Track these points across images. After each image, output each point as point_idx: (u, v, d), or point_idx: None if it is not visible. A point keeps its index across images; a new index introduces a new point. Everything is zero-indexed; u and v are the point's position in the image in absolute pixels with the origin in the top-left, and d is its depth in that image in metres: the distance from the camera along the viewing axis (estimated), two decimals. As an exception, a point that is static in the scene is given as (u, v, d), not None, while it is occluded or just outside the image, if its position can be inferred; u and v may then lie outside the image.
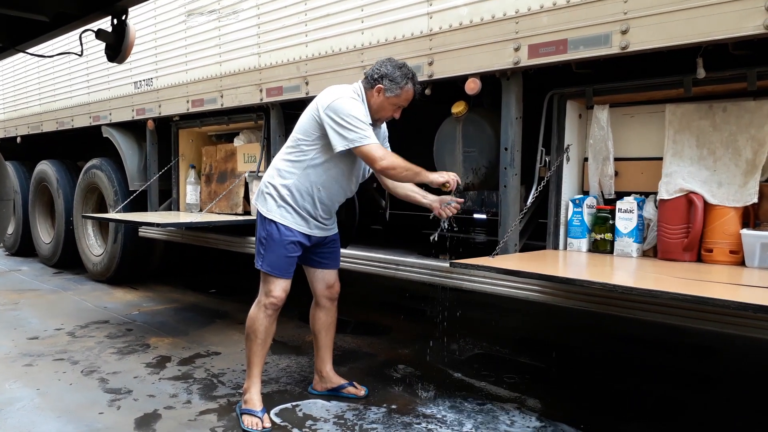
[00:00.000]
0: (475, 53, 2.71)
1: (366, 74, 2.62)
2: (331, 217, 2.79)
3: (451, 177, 2.50)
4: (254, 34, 3.80)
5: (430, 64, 2.89)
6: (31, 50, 3.13)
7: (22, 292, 5.42)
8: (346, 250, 3.31)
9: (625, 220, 2.50)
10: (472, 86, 2.73)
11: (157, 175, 4.87)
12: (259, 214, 2.69)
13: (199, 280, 5.90)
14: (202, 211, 4.52)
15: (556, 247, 2.71)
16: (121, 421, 2.65)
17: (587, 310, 2.48)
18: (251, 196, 4.05)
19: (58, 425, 2.62)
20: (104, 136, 5.30)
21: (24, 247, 7.28)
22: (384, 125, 2.77)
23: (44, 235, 6.85)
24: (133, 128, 5.16)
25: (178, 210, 4.81)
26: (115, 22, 2.75)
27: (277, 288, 2.64)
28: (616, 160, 2.60)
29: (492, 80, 2.75)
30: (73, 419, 2.67)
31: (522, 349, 3.80)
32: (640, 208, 2.49)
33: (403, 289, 5.13)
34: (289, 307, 2.75)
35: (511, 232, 2.69)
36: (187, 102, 4.39)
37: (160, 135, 4.91)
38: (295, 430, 2.58)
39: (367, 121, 2.51)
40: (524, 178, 2.77)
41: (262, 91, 3.79)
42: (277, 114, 3.80)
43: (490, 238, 3.92)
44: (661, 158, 2.43)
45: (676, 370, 3.44)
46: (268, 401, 2.79)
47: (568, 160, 2.69)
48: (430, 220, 2.69)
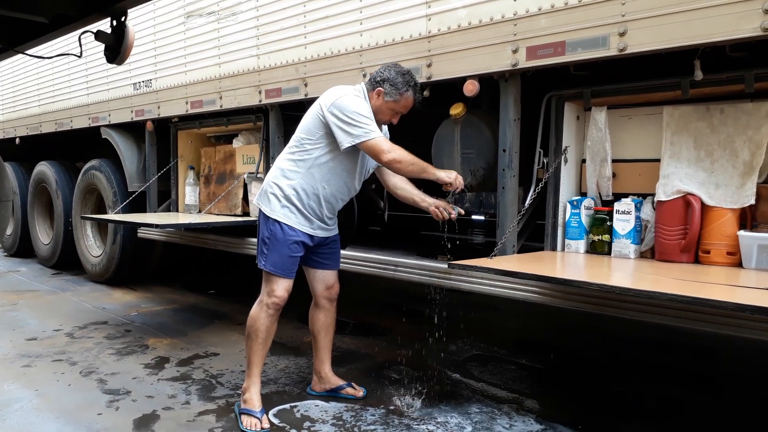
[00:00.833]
0: (474, 55, 2.72)
1: (370, 76, 2.65)
2: (333, 217, 2.80)
3: (458, 181, 2.51)
4: (253, 36, 3.81)
5: (429, 65, 2.90)
6: (30, 51, 3.14)
7: (20, 292, 5.41)
8: (345, 251, 3.32)
9: (623, 222, 2.51)
10: (471, 88, 2.73)
11: (156, 176, 4.88)
12: (262, 213, 2.69)
13: (198, 281, 5.90)
14: (201, 212, 4.52)
15: (554, 249, 2.71)
16: (120, 422, 2.65)
17: (585, 311, 2.49)
18: (250, 198, 4.05)
19: (56, 426, 2.62)
20: (103, 137, 5.30)
21: (23, 248, 7.29)
22: (385, 128, 2.78)
23: (43, 236, 6.85)
24: (132, 129, 5.16)
25: (177, 211, 4.81)
26: (115, 23, 2.76)
27: (280, 288, 2.65)
28: (614, 161, 2.61)
29: (490, 82, 2.76)
30: (71, 420, 2.67)
31: (520, 349, 3.80)
32: (638, 209, 2.49)
33: (402, 290, 5.13)
34: (288, 308, 2.75)
35: (509, 234, 2.70)
36: (186, 103, 4.39)
37: (159, 136, 4.91)
38: (293, 431, 2.58)
39: (371, 117, 2.52)
40: (522, 180, 2.77)
41: (261, 92, 3.79)
42: (276, 115, 3.81)
43: (489, 239, 3.93)
44: (659, 160, 2.43)
45: (676, 370, 3.45)
46: (267, 402, 2.80)
47: (566, 161, 2.69)
48: (430, 221, 2.69)
